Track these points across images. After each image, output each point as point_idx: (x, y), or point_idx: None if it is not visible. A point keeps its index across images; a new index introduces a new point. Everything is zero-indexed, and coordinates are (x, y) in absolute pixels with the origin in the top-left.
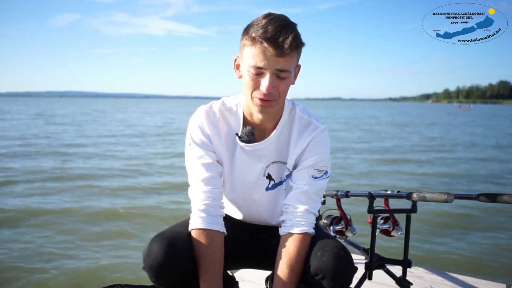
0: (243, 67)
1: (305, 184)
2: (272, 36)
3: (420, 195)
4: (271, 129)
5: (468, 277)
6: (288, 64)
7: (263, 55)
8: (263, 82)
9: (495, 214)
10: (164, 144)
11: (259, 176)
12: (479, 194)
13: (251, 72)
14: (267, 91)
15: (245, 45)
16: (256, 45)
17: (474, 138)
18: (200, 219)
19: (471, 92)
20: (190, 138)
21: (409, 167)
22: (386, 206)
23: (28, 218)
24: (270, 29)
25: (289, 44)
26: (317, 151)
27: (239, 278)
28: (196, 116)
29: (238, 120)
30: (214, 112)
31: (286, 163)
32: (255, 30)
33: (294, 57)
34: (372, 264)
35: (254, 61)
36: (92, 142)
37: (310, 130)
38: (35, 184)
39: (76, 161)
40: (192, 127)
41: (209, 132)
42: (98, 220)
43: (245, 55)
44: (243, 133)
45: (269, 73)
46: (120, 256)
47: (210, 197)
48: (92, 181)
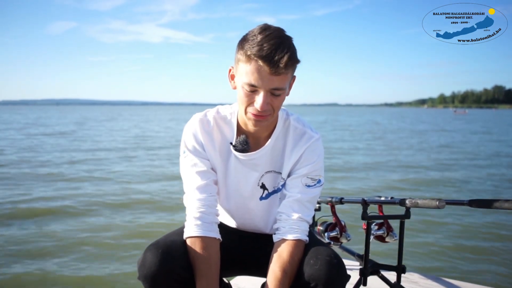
0: (237, 79)
1: (298, 192)
2: (268, 55)
3: (412, 201)
4: (265, 138)
5: (462, 282)
6: (283, 82)
7: (258, 73)
8: (258, 99)
9: (488, 220)
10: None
11: (253, 185)
12: (471, 200)
13: (246, 88)
14: (261, 109)
15: (240, 60)
16: (251, 62)
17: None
18: (196, 227)
19: (466, 97)
20: (185, 146)
21: None
22: (380, 212)
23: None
24: (265, 47)
25: (284, 64)
26: (311, 160)
27: (235, 285)
28: (190, 124)
29: (232, 129)
30: (208, 120)
31: (280, 173)
32: (250, 47)
33: (289, 74)
34: (367, 270)
35: (248, 79)
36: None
37: (305, 140)
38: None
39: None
40: (186, 135)
41: (203, 140)
42: (91, 229)
43: (240, 70)
44: (237, 142)
45: (263, 91)
46: (113, 267)
47: (205, 204)
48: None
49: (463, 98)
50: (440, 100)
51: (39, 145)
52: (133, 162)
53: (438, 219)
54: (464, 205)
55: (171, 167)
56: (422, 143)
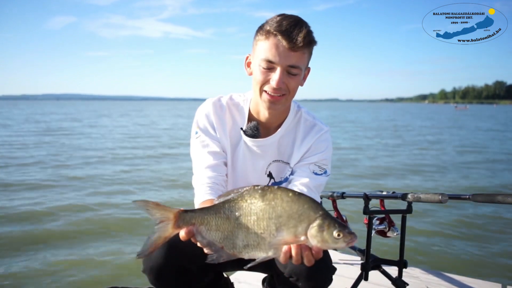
0: (254, 62)
1: (306, 176)
2: (287, 30)
3: (415, 196)
4: (275, 128)
5: (464, 277)
6: (300, 60)
7: (276, 49)
8: (274, 76)
9: (490, 214)
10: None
11: (261, 173)
12: (473, 194)
13: (262, 66)
14: (277, 86)
15: (259, 40)
16: (270, 38)
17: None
18: (207, 190)
19: (467, 93)
20: (197, 126)
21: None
22: (382, 207)
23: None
24: (284, 23)
25: (302, 38)
26: (320, 149)
27: (235, 279)
28: (204, 106)
29: (244, 116)
30: (221, 104)
31: (287, 163)
32: (270, 25)
33: (306, 55)
34: (368, 265)
35: (266, 55)
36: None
37: (314, 132)
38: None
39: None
40: (199, 115)
41: (215, 122)
42: (92, 223)
43: (258, 50)
44: (248, 128)
45: (280, 67)
46: (114, 262)
47: (215, 182)
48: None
49: (464, 94)
50: (441, 96)
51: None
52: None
53: (440, 214)
54: (467, 200)
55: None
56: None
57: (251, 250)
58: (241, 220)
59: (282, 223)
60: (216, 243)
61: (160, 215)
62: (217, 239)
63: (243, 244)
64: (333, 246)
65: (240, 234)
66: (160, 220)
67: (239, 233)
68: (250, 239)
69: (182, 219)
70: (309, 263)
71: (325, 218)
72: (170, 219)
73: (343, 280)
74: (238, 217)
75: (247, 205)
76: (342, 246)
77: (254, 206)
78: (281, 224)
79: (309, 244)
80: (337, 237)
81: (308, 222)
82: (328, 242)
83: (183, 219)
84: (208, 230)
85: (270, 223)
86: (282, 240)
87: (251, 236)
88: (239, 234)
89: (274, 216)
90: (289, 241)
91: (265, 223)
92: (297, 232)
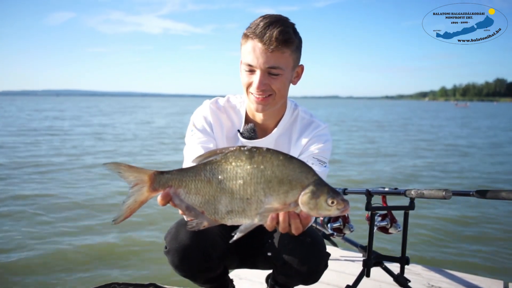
0: (240, 66)
1: None
2: (261, 32)
3: (418, 192)
4: (272, 128)
5: (466, 274)
6: (279, 61)
7: (253, 52)
8: (254, 79)
9: (494, 211)
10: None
11: None
12: (477, 190)
13: (244, 69)
14: (258, 88)
15: (242, 44)
16: (248, 41)
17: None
18: (198, 148)
19: (467, 90)
20: (193, 125)
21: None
22: (384, 203)
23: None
24: (260, 25)
25: (275, 38)
26: (319, 143)
27: (236, 276)
28: (201, 108)
29: (241, 118)
30: (219, 106)
31: None
32: (248, 28)
33: (287, 54)
34: (370, 261)
35: (246, 59)
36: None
37: (311, 128)
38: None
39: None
40: (196, 116)
41: (213, 124)
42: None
43: (242, 54)
44: (245, 130)
45: (260, 70)
46: (118, 257)
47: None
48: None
49: (465, 91)
50: (441, 93)
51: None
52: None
53: (443, 210)
54: (471, 196)
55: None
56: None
57: (235, 216)
58: (224, 184)
59: (272, 189)
60: (196, 207)
61: (134, 178)
62: (197, 203)
63: (226, 210)
64: (325, 214)
65: (223, 199)
66: (135, 183)
67: (222, 198)
68: (235, 205)
69: (158, 181)
70: (297, 231)
71: (318, 184)
72: (145, 181)
73: (344, 276)
74: (222, 181)
75: (232, 168)
76: (335, 213)
77: (240, 170)
78: (271, 190)
79: (297, 211)
80: (330, 205)
81: (301, 188)
82: (321, 209)
83: (159, 181)
84: (187, 193)
85: (258, 188)
86: (271, 207)
87: (235, 202)
88: (222, 199)
89: (263, 181)
90: (278, 208)
91: (252, 188)
92: (287, 198)
